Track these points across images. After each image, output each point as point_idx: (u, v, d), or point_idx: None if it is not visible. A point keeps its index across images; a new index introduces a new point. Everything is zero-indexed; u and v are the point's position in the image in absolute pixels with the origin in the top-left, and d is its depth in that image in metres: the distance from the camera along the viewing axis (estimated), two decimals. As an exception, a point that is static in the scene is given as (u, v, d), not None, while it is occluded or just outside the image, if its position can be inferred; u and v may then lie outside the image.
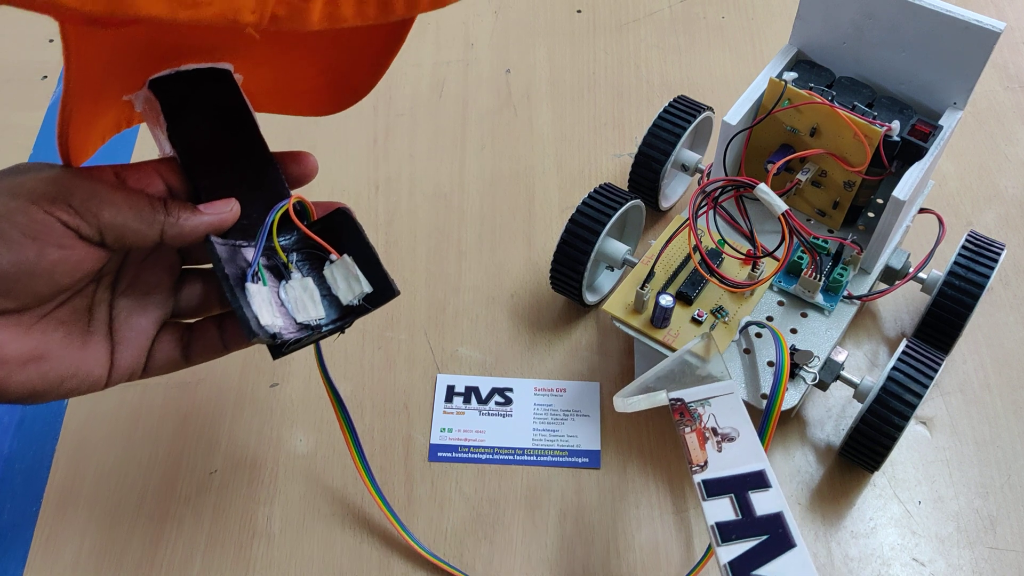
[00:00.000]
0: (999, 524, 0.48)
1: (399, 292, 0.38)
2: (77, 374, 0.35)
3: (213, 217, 0.36)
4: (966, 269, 0.51)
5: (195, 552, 0.48)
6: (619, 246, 0.53)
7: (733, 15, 0.75)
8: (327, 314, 0.38)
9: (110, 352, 0.36)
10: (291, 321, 0.36)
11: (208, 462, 0.51)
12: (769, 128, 0.50)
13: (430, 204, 0.63)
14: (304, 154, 0.40)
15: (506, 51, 0.73)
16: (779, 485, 0.39)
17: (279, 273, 0.37)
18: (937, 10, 0.45)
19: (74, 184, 0.33)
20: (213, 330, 0.39)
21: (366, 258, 0.38)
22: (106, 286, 0.37)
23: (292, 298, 0.37)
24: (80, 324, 0.36)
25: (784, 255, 0.45)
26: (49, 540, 0.48)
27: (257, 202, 0.37)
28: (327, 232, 0.38)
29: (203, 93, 0.37)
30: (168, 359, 0.39)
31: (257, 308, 0.35)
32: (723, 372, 0.43)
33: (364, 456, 0.46)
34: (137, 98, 0.37)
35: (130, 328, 0.37)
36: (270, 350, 0.36)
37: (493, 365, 0.55)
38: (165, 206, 0.35)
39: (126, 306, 0.37)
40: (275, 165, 0.38)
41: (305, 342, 0.37)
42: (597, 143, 0.66)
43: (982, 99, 0.68)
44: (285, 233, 0.38)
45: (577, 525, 0.49)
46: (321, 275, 0.38)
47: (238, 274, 0.35)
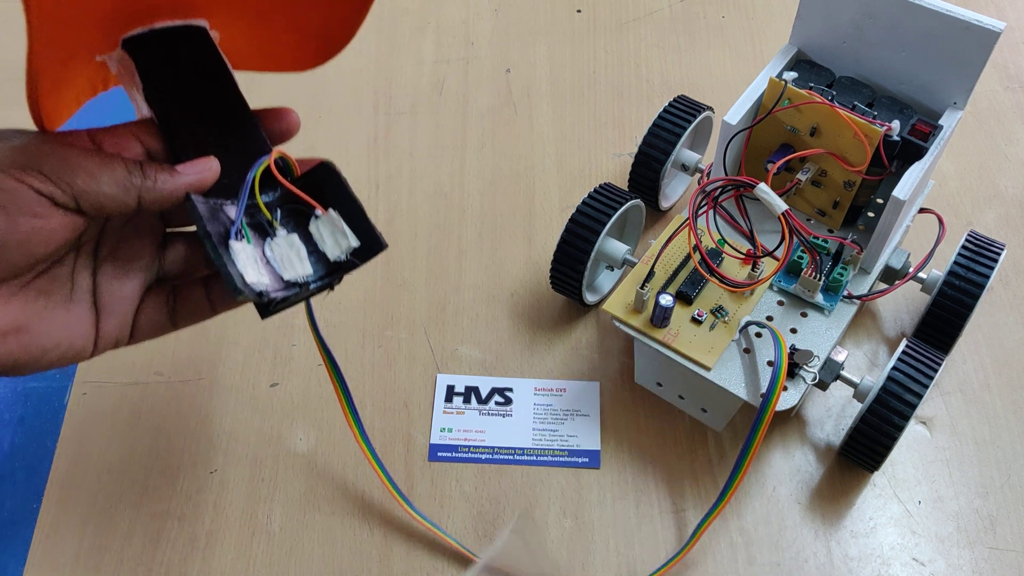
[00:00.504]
0: (999, 524, 0.48)
1: (387, 245, 0.37)
2: (60, 344, 0.34)
3: (192, 177, 0.35)
4: (966, 269, 0.51)
5: (195, 549, 0.48)
6: (619, 246, 0.53)
7: (733, 15, 0.75)
8: (315, 271, 0.36)
9: (95, 321, 0.36)
10: (278, 279, 0.35)
11: (209, 460, 0.51)
12: (769, 128, 0.50)
13: (430, 203, 0.63)
14: (285, 110, 0.39)
15: (506, 50, 0.73)
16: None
17: (264, 231, 0.36)
18: (937, 10, 0.45)
19: (46, 150, 0.32)
20: (199, 292, 0.39)
21: (352, 212, 0.37)
22: (87, 253, 0.36)
23: (278, 255, 0.36)
24: (62, 293, 0.35)
25: (784, 255, 0.45)
26: (50, 536, 0.48)
27: (238, 161, 0.36)
28: (311, 187, 0.37)
29: (179, 52, 0.36)
30: (154, 324, 0.38)
31: (242, 266, 0.34)
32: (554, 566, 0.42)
33: (358, 416, 0.45)
34: (111, 59, 0.36)
35: (114, 295, 0.36)
36: (258, 309, 0.35)
37: (493, 364, 0.55)
38: (142, 169, 0.34)
39: (109, 273, 0.36)
40: (256, 123, 0.37)
41: (293, 300, 0.36)
42: (597, 142, 0.66)
43: (982, 99, 0.68)
44: (268, 190, 0.37)
45: (577, 524, 0.49)
46: (307, 231, 0.37)
47: (221, 232, 0.34)
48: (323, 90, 0.70)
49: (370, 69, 0.71)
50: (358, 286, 0.59)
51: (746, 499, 0.49)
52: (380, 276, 0.59)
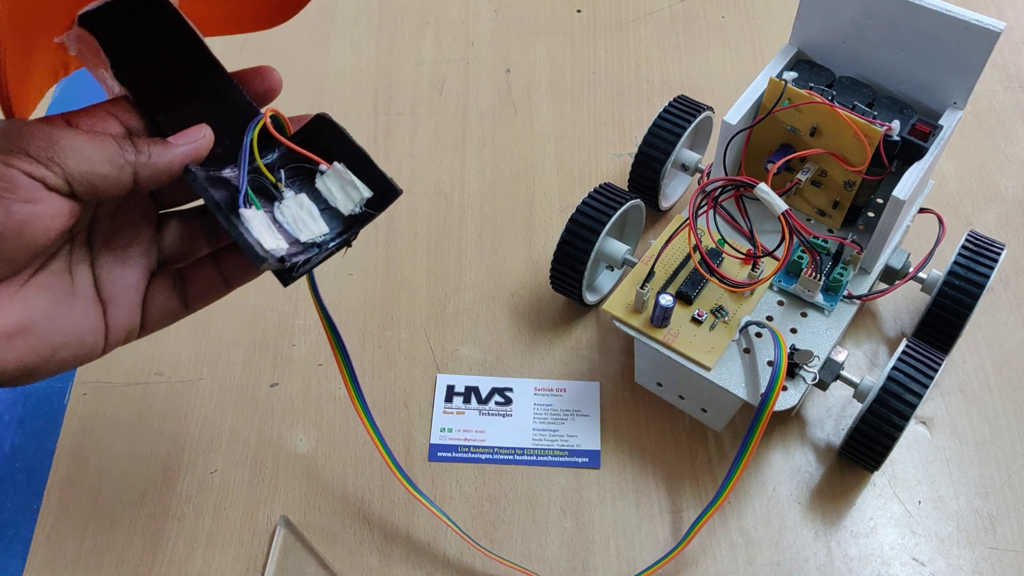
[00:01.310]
0: (999, 524, 0.48)
1: (401, 191, 0.35)
2: (69, 342, 0.33)
3: (188, 147, 0.33)
4: (966, 269, 0.51)
5: (196, 549, 0.48)
6: (619, 246, 0.53)
7: (733, 15, 0.75)
8: (330, 228, 0.35)
9: (102, 314, 0.34)
10: (295, 242, 0.34)
11: (209, 461, 0.51)
12: (769, 128, 0.50)
13: (430, 203, 0.63)
14: (266, 68, 0.37)
15: (506, 50, 0.73)
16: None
17: (269, 195, 0.35)
18: (937, 10, 0.45)
19: (29, 131, 0.30)
20: (209, 268, 0.37)
21: (359, 162, 0.35)
22: (81, 244, 0.34)
23: (290, 218, 0.34)
24: (64, 288, 0.33)
25: (784, 255, 0.45)
26: (50, 536, 0.48)
27: (226, 127, 0.34)
28: (310, 142, 0.35)
29: (141, 21, 0.34)
30: (166, 310, 0.36)
31: (257, 233, 0.32)
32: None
33: (358, 386, 0.43)
34: (69, 38, 0.34)
35: (116, 285, 0.34)
36: (279, 276, 0.34)
37: (493, 364, 0.55)
38: (134, 144, 0.32)
39: (108, 263, 0.34)
40: (237, 86, 0.36)
41: (314, 262, 0.34)
42: (597, 142, 0.66)
43: (982, 99, 0.68)
44: (265, 152, 0.35)
45: (577, 524, 0.49)
46: (315, 189, 0.35)
47: (228, 202, 0.33)
48: (323, 90, 0.70)
49: (370, 69, 0.71)
50: (358, 286, 0.59)
51: (746, 499, 0.49)
52: (380, 276, 0.59)
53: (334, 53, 0.72)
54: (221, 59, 0.36)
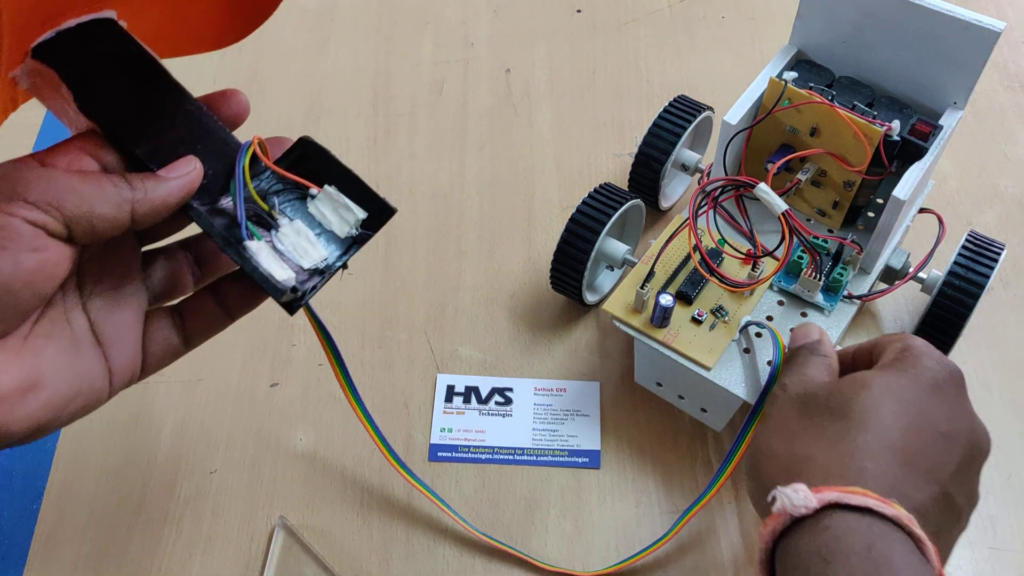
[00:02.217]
0: (999, 524, 0.48)
1: (396, 209, 0.35)
2: (81, 391, 0.32)
3: (181, 180, 0.32)
4: (966, 269, 0.51)
5: (194, 553, 0.48)
6: (619, 246, 0.53)
7: (733, 15, 0.75)
8: (329, 252, 0.35)
9: (103, 358, 0.33)
10: (299, 269, 0.34)
11: (207, 462, 0.51)
12: (769, 128, 0.50)
13: (430, 204, 0.63)
14: (231, 92, 0.35)
15: (506, 50, 0.73)
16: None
17: (263, 222, 0.34)
18: (937, 10, 0.45)
19: (23, 177, 0.29)
20: (208, 302, 0.36)
21: (349, 183, 0.35)
22: (72, 290, 0.33)
23: (289, 246, 0.34)
24: (66, 335, 0.32)
25: (784, 255, 0.45)
26: (49, 540, 0.48)
27: (205, 155, 0.34)
28: (297, 166, 0.35)
29: (97, 50, 0.33)
30: (167, 348, 0.35)
31: (268, 265, 0.32)
32: None
33: (353, 385, 0.43)
34: (22, 72, 0.32)
35: (114, 328, 0.33)
36: (286, 307, 0.33)
37: (493, 365, 0.55)
38: (128, 181, 0.30)
39: (100, 305, 0.33)
40: (206, 111, 0.35)
41: (320, 286, 0.34)
42: (597, 143, 0.66)
43: (982, 99, 0.68)
44: (252, 179, 0.34)
45: (577, 524, 0.49)
46: (307, 213, 0.35)
47: (235, 236, 0.32)
48: (322, 91, 0.70)
49: (369, 70, 0.71)
50: (358, 287, 0.59)
51: (746, 499, 0.49)
52: (380, 277, 0.59)
53: (333, 54, 0.72)
54: (217, 60, 0.35)
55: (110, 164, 0.32)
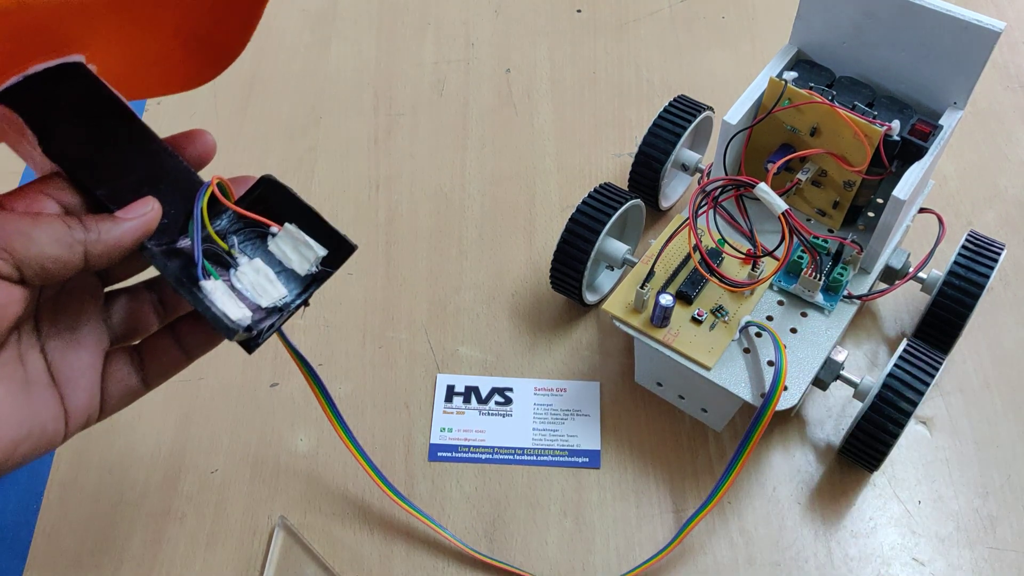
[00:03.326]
0: (999, 524, 0.48)
1: (356, 246, 0.35)
2: (31, 433, 0.31)
3: (137, 221, 0.31)
4: (966, 269, 0.51)
5: (196, 549, 0.48)
6: (619, 246, 0.53)
7: (733, 15, 0.75)
8: (289, 290, 0.35)
9: (59, 399, 0.32)
10: (256, 307, 0.34)
11: (209, 460, 0.51)
12: (769, 128, 0.50)
13: (431, 203, 0.63)
14: (198, 132, 0.35)
15: (507, 50, 0.73)
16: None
17: (222, 262, 0.34)
18: (937, 10, 0.45)
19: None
20: (167, 342, 0.36)
21: (309, 220, 0.35)
22: (28, 331, 0.32)
23: (248, 284, 0.34)
24: (17, 377, 0.31)
25: (784, 255, 0.45)
26: (50, 536, 0.48)
27: (168, 196, 0.34)
28: (258, 205, 0.35)
29: (63, 93, 0.33)
30: (125, 389, 0.35)
31: (222, 304, 0.32)
32: None
33: (338, 412, 0.43)
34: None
35: (71, 367, 0.33)
36: (244, 345, 0.33)
37: (494, 364, 0.55)
38: (81, 222, 0.30)
39: (58, 346, 0.33)
40: (171, 152, 0.35)
41: (278, 325, 0.34)
42: (597, 142, 0.66)
43: (982, 99, 0.68)
44: (213, 219, 0.34)
45: (577, 524, 0.49)
46: (268, 252, 0.35)
47: (187, 274, 0.32)
48: (323, 91, 0.70)
49: (370, 70, 0.71)
50: (358, 286, 0.59)
51: (746, 499, 0.49)
52: (381, 276, 0.59)
53: (334, 53, 0.73)
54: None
55: (71, 206, 0.32)
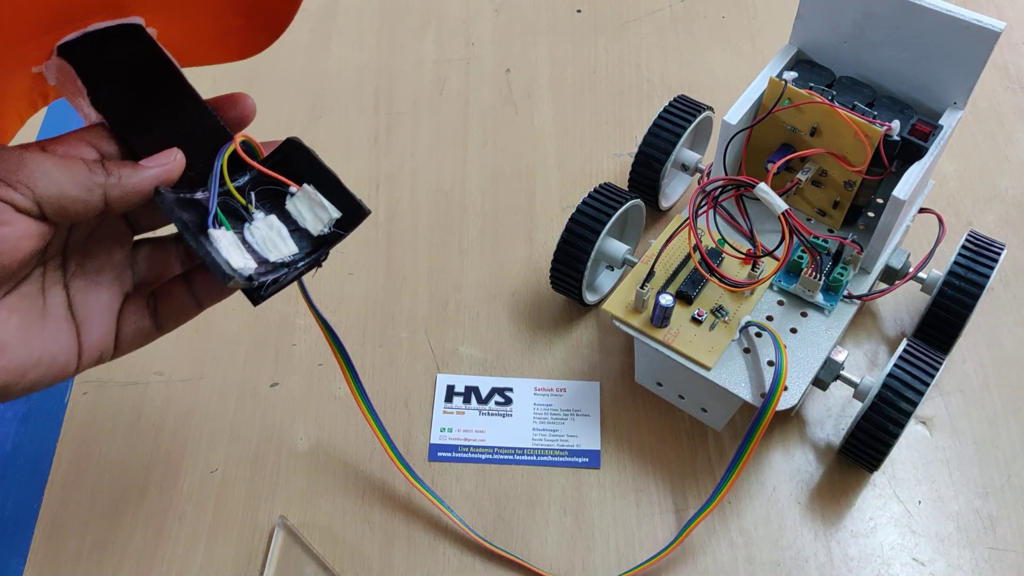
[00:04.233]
0: (999, 524, 0.48)
1: (369, 211, 0.36)
2: (41, 362, 0.33)
3: (158, 169, 0.33)
4: (966, 269, 0.51)
5: (197, 546, 0.48)
6: (619, 246, 0.53)
7: (733, 15, 0.75)
8: (300, 248, 0.36)
9: (75, 335, 0.34)
10: (264, 262, 0.35)
11: (210, 458, 0.51)
12: (769, 128, 0.50)
13: (431, 201, 0.63)
14: (239, 95, 0.37)
15: (507, 49, 0.73)
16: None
17: (240, 216, 0.36)
18: (937, 10, 0.45)
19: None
20: (181, 289, 0.37)
21: (328, 184, 0.36)
22: (55, 268, 0.34)
23: (259, 238, 0.35)
24: (35, 310, 0.33)
25: (784, 254, 0.45)
26: (51, 534, 0.48)
27: (201, 152, 0.35)
28: (281, 166, 0.36)
29: (119, 52, 0.35)
30: (139, 331, 0.36)
31: (226, 252, 0.33)
32: None
33: (360, 383, 0.45)
34: (49, 68, 0.34)
35: (91, 307, 0.35)
36: (249, 296, 0.35)
37: (494, 363, 0.55)
38: (104, 166, 0.32)
39: (81, 285, 0.35)
40: (211, 113, 0.36)
41: (284, 281, 0.35)
42: (598, 142, 0.66)
43: (982, 99, 0.68)
44: (237, 176, 0.36)
45: (577, 524, 0.49)
46: (285, 211, 0.36)
47: (198, 222, 0.34)
48: (324, 89, 0.70)
49: (371, 68, 0.71)
50: (359, 285, 0.59)
51: (746, 499, 0.49)
52: (381, 275, 0.59)
53: (335, 52, 0.73)
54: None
55: (109, 154, 0.34)
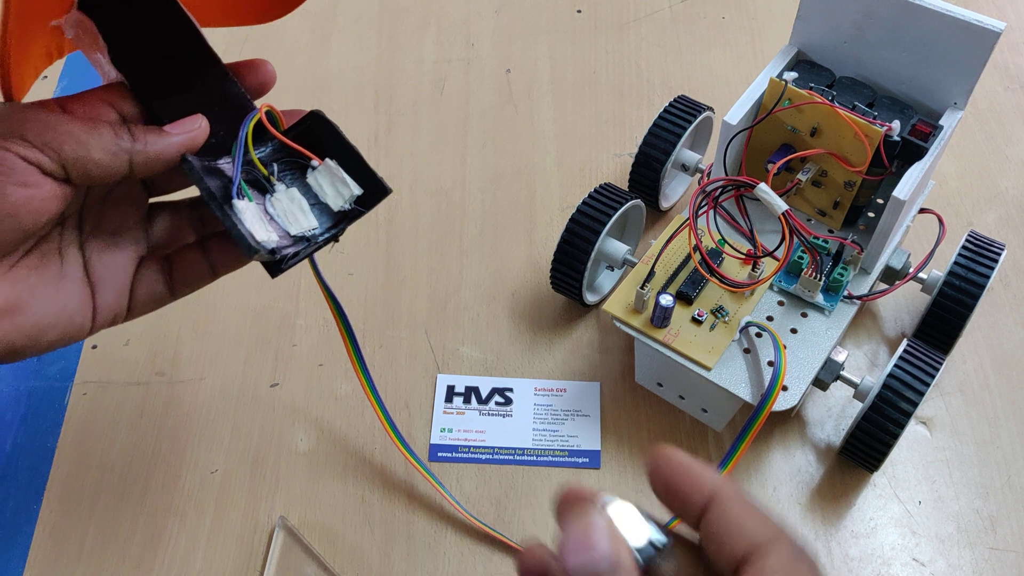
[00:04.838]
0: (999, 524, 0.48)
1: (391, 190, 0.36)
2: (58, 322, 0.33)
3: (183, 136, 0.33)
4: (966, 269, 0.51)
5: (196, 547, 0.48)
6: (619, 246, 0.53)
7: (733, 15, 0.75)
8: (320, 222, 0.36)
9: (90, 295, 0.34)
10: (285, 235, 0.35)
11: (210, 460, 0.51)
12: (769, 128, 0.50)
13: (431, 201, 0.63)
14: (260, 61, 0.37)
15: (507, 50, 0.73)
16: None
17: (261, 188, 0.35)
18: (937, 10, 0.45)
19: (25, 116, 0.30)
20: (197, 256, 0.37)
21: (350, 159, 0.36)
22: (72, 228, 0.34)
23: (281, 211, 0.35)
24: (53, 269, 0.33)
25: (784, 255, 0.45)
26: (51, 535, 0.48)
27: (221, 118, 0.35)
28: (303, 138, 0.36)
29: (139, 8, 0.35)
30: (152, 295, 0.37)
31: (249, 224, 0.33)
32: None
33: (363, 360, 0.45)
34: (67, 22, 0.34)
35: (106, 268, 0.35)
36: (268, 268, 0.35)
37: (494, 364, 0.55)
38: (130, 132, 0.32)
39: (98, 247, 0.35)
40: (232, 78, 0.36)
41: (303, 255, 0.35)
42: (598, 142, 0.66)
43: (982, 99, 0.68)
44: (259, 145, 0.36)
45: (577, 524, 0.49)
46: (306, 184, 0.36)
47: (222, 192, 0.33)
48: (324, 88, 0.70)
49: (371, 68, 0.71)
50: (359, 285, 0.59)
51: (746, 499, 0.49)
52: (381, 275, 0.59)
53: (335, 52, 0.73)
54: (222, 55, 0.36)
55: (129, 115, 0.34)
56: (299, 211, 0.35)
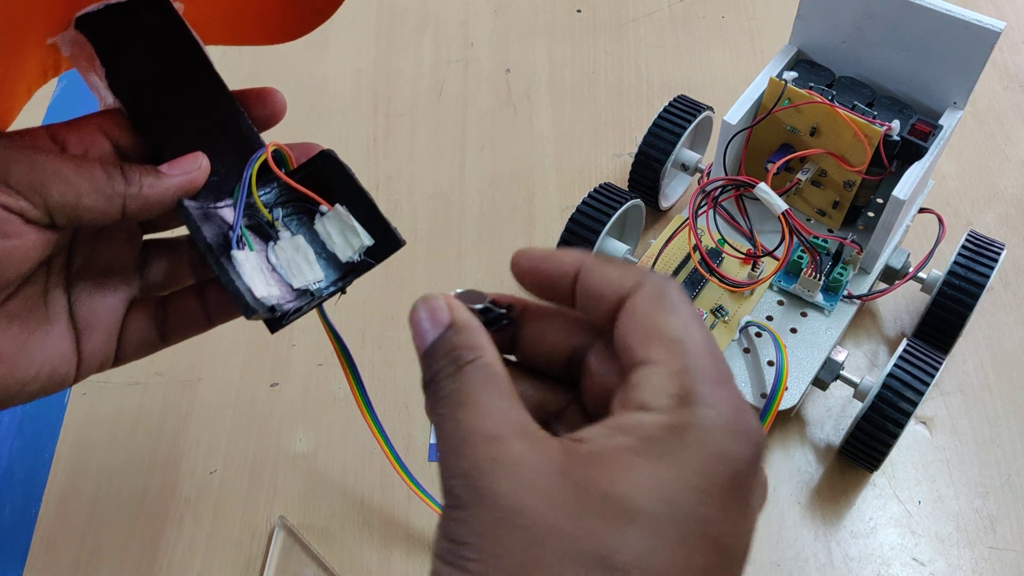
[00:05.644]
0: (999, 524, 0.48)
1: (404, 242, 0.33)
2: (41, 372, 0.30)
3: (181, 178, 0.30)
4: (966, 269, 0.51)
5: (195, 552, 0.48)
6: (619, 246, 0.53)
7: (733, 15, 0.75)
8: (326, 275, 0.33)
9: (75, 342, 0.32)
10: (286, 287, 0.32)
11: (208, 462, 0.51)
12: (769, 128, 0.50)
13: (430, 203, 0.63)
14: (269, 90, 0.34)
15: (506, 51, 0.73)
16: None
17: (264, 233, 0.32)
18: (937, 10, 0.45)
19: (9, 158, 0.27)
20: (193, 302, 0.34)
21: (361, 206, 0.32)
22: (59, 268, 0.32)
23: (284, 261, 0.32)
24: (36, 315, 0.31)
25: (784, 255, 0.45)
26: (49, 539, 0.48)
27: (224, 153, 0.32)
28: (312, 180, 0.33)
29: (141, 28, 0.32)
30: (142, 341, 0.34)
31: (249, 279, 0.30)
32: None
33: (367, 398, 0.41)
34: (63, 40, 0.31)
35: (93, 312, 0.32)
36: (268, 325, 0.32)
37: (493, 365, 0.55)
38: (123, 173, 0.29)
39: (85, 288, 0.32)
40: (238, 108, 0.33)
41: (305, 310, 0.32)
42: (597, 142, 0.66)
43: (982, 99, 0.68)
44: (263, 186, 0.32)
45: (577, 525, 0.49)
46: (312, 230, 0.33)
47: (221, 241, 0.30)
48: (323, 91, 0.70)
49: (370, 70, 0.71)
50: (358, 287, 0.58)
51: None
52: (380, 276, 0.59)
53: (333, 54, 0.72)
54: (217, 60, 0.34)
55: (125, 147, 0.31)
56: (304, 262, 0.32)
